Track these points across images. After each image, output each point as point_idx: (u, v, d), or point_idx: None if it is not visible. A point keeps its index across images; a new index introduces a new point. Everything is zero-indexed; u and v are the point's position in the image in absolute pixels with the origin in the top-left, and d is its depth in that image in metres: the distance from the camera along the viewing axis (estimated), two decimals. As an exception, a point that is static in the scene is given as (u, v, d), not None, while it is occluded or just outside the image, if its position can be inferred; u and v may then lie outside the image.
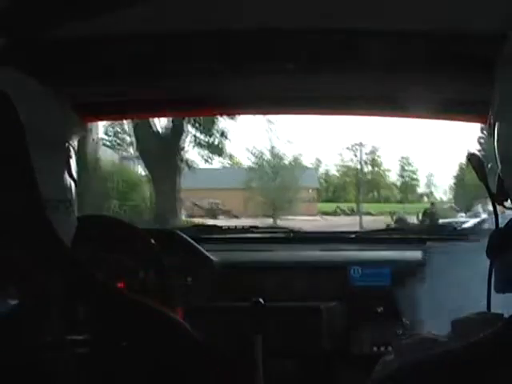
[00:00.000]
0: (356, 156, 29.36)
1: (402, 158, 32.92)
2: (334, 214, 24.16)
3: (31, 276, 0.69)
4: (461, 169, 26.78)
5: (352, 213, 24.60)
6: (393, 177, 33.49)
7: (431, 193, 31.86)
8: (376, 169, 32.04)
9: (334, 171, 32.57)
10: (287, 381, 1.65)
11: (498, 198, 0.65)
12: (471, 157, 0.70)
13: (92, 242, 1.53)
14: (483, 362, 0.49)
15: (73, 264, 0.73)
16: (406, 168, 33.13)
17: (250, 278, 1.72)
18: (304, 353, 1.65)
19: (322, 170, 31.32)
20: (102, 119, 1.36)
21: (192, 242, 1.80)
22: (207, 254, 1.80)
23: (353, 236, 2.14)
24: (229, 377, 1.05)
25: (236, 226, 2.30)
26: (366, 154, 30.19)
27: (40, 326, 0.69)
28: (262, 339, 1.48)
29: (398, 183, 33.30)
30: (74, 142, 0.80)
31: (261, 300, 1.34)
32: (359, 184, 28.19)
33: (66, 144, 0.77)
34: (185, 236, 1.81)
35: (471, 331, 0.52)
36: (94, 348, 0.70)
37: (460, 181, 26.31)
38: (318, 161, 31.29)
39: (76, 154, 0.80)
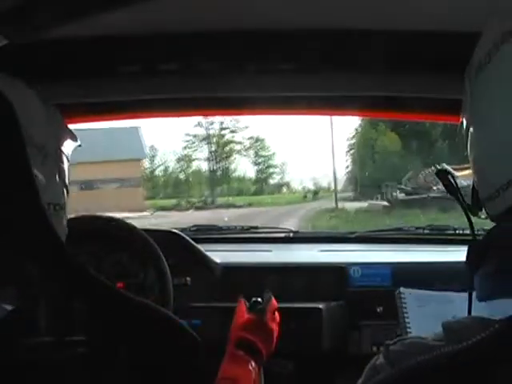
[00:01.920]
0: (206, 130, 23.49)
1: (257, 140, 26.02)
2: (179, 208, 17.30)
3: (30, 276, 0.69)
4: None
5: (206, 205, 17.88)
6: (246, 164, 26.63)
7: (288, 183, 26.62)
8: (225, 156, 24.78)
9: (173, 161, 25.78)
10: (287, 381, 1.65)
11: (473, 209, 0.63)
12: (440, 172, 0.69)
13: (91, 242, 1.53)
14: (482, 364, 0.48)
15: (72, 264, 0.73)
16: (261, 153, 26.26)
17: (250, 278, 1.72)
18: (304, 353, 1.65)
19: (158, 160, 25.03)
20: (98, 120, 1.36)
21: (192, 242, 1.80)
22: (207, 254, 1.80)
23: (353, 236, 2.15)
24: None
25: (236, 226, 2.30)
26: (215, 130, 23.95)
27: (39, 326, 0.69)
28: None
29: (252, 172, 26.42)
30: (67, 148, 0.80)
31: (260, 300, 1.34)
32: (212, 166, 22.84)
33: (57, 150, 0.77)
34: (185, 236, 1.81)
35: (464, 334, 0.51)
36: (94, 348, 0.70)
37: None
38: (154, 149, 24.40)
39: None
